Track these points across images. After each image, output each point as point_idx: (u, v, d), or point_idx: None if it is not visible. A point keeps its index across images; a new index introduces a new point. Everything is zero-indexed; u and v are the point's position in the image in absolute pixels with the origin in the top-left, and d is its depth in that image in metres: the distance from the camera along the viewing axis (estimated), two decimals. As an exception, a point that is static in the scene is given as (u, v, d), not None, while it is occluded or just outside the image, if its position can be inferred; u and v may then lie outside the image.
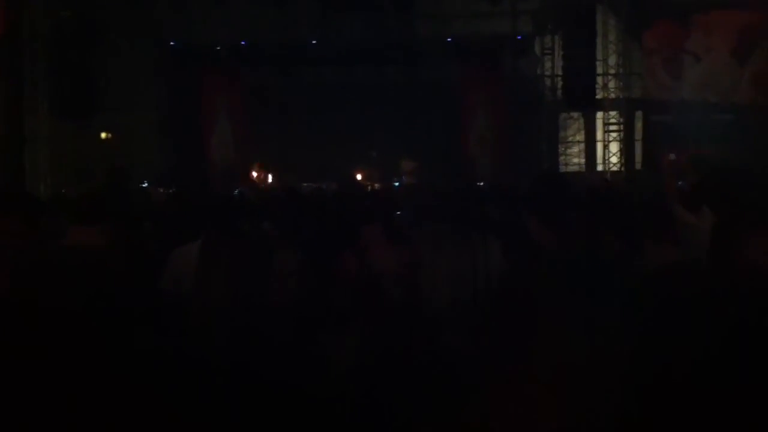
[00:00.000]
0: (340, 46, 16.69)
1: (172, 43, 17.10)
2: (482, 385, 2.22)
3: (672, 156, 13.79)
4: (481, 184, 14.72)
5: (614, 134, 16.88)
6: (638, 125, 17.02)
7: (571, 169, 17.74)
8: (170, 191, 11.60)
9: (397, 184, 15.66)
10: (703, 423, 2.08)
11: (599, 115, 17.22)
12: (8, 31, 13.49)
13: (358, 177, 15.75)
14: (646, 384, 2.13)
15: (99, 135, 16.14)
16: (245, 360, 2.51)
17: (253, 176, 15.44)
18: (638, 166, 16.86)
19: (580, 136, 18.05)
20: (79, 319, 2.27)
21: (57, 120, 14.34)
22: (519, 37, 17.49)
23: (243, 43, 16.99)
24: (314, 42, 16.83)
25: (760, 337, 2.09)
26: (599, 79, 16.35)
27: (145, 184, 14.86)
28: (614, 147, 16.98)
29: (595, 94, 16.10)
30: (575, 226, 2.69)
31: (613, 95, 16.80)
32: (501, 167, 16.64)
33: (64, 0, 14.19)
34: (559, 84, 16.73)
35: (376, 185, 14.36)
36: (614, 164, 16.81)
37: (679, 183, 4.94)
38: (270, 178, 15.28)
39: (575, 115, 17.87)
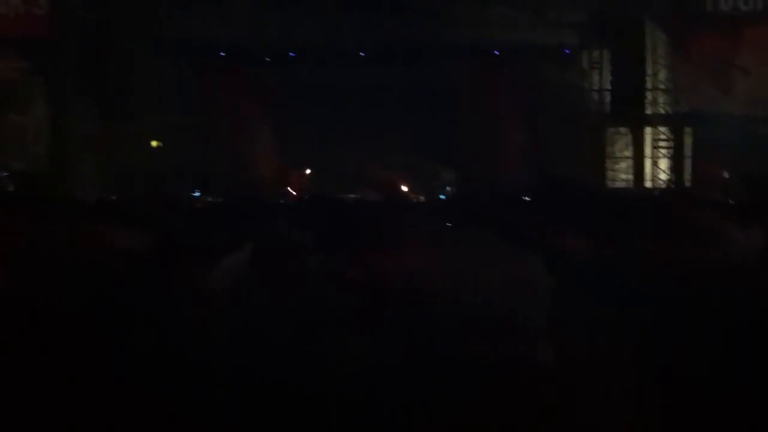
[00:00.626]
0: (378, 52, 16.72)
1: (221, 53, 17.31)
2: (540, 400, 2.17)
3: (721, 172, 13.53)
4: (527, 199, 14.59)
5: (663, 150, 16.63)
6: (687, 141, 16.74)
7: (618, 185, 17.51)
8: (216, 200, 11.70)
9: (442, 196, 15.64)
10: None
11: (648, 130, 16.98)
12: (55, 34, 13.81)
13: (404, 188, 15.74)
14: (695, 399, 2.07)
15: (146, 141, 16.38)
16: (296, 366, 2.48)
17: (289, 182, 15.55)
18: (688, 183, 16.58)
19: (628, 152, 17.81)
20: (116, 324, 2.27)
21: (102, 124, 14.59)
22: (566, 51, 17.37)
23: (283, 49, 17.08)
24: (353, 48, 16.87)
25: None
26: (648, 94, 16.14)
27: (197, 194, 15.04)
28: (663, 163, 16.72)
29: (643, 109, 15.90)
30: (613, 236, 2.64)
31: (662, 110, 16.57)
32: (543, 180, 16.47)
33: (109, 5, 14.45)
34: (607, 98, 16.54)
35: (421, 197, 14.35)
36: (663, 181, 16.56)
37: (728, 200, 4.84)
38: (306, 185, 15.37)
39: (623, 130, 17.65)
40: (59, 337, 2.24)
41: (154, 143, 16.88)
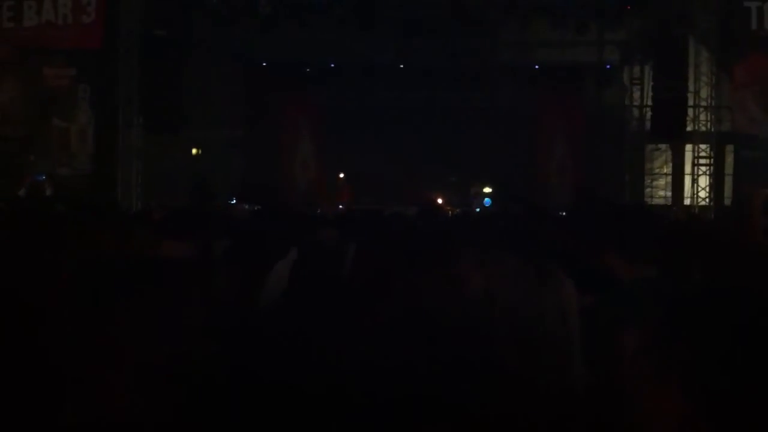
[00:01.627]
0: (423, 70, 16.81)
1: (263, 64, 17.57)
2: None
3: (762, 192, 13.28)
4: (563, 214, 14.55)
5: (703, 168, 16.45)
6: (729, 159, 16.55)
7: (656, 201, 17.36)
8: (254, 209, 11.84)
9: (477, 210, 15.65)
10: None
11: (688, 147, 16.82)
12: (105, 47, 14.04)
13: (439, 201, 15.79)
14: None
15: (187, 150, 16.63)
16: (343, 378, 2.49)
17: (329, 196, 15.67)
18: (728, 201, 16.37)
19: (668, 169, 17.66)
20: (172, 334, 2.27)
21: (148, 135, 14.80)
22: (607, 67, 17.30)
23: (330, 64, 17.30)
24: (397, 65, 17.02)
25: None
26: (689, 112, 15.99)
27: (233, 201, 15.22)
28: (703, 181, 16.53)
29: (684, 127, 15.74)
30: (657, 259, 2.63)
31: (703, 128, 16.39)
32: (582, 197, 16.41)
33: (157, 18, 14.67)
34: (647, 115, 16.43)
35: (456, 210, 14.37)
36: (702, 199, 16.38)
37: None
38: (346, 199, 15.48)
39: (662, 147, 17.51)
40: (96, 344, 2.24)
41: (194, 151, 17.11)
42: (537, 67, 17.16)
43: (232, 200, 15.53)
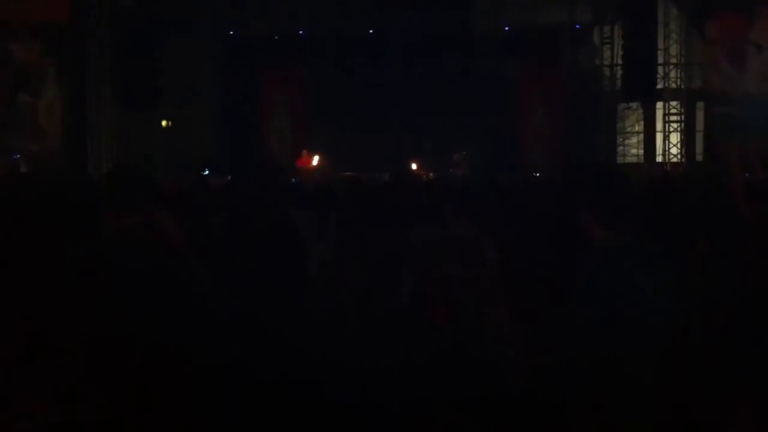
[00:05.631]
0: (397, 38, 16.69)
1: (231, 33, 17.37)
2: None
3: (739, 149, 13.36)
4: (537, 174, 14.64)
5: (674, 125, 16.57)
6: (699, 116, 16.68)
7: (629, 160, 17.48)
8: (228, 178, 11.81)
9: (452, 170, 15.68)
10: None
11: (659, 105, 16.92)
12: (74, 20, 13.79)
13: (413, 166, 15.79)
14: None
15: (159, 124, 16.46)
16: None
17: (302, 164, 15.61)
18: (699, 157, 16.54)
19: (639, 127, 17.76)
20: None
21: (120, 109, 14.64)
22: (577, 26, 17.24)
23: (301, 33, 17.15)
24: (371, 33, 16.89)
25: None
26: (660, 69, 16.05)
27: (206, 172, 15.11)
28: (674, 138, 16.66)
29: (655, 84, 15.82)
30: (632, 221, 2.65)
31: (673, 85, 16.48)
32: (557, 159, 16.48)
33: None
34: (618, 74, 16.47)
35: (431, 175, 14.37)
36: (674, 155, 16.52)
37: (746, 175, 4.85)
38: (317, 165, 15.46)
39: (634, 105, 17.60)
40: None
41: (164, 123, 16.94)
42: (506, 29, 17.07)
43: (205, 171, 15.43)
